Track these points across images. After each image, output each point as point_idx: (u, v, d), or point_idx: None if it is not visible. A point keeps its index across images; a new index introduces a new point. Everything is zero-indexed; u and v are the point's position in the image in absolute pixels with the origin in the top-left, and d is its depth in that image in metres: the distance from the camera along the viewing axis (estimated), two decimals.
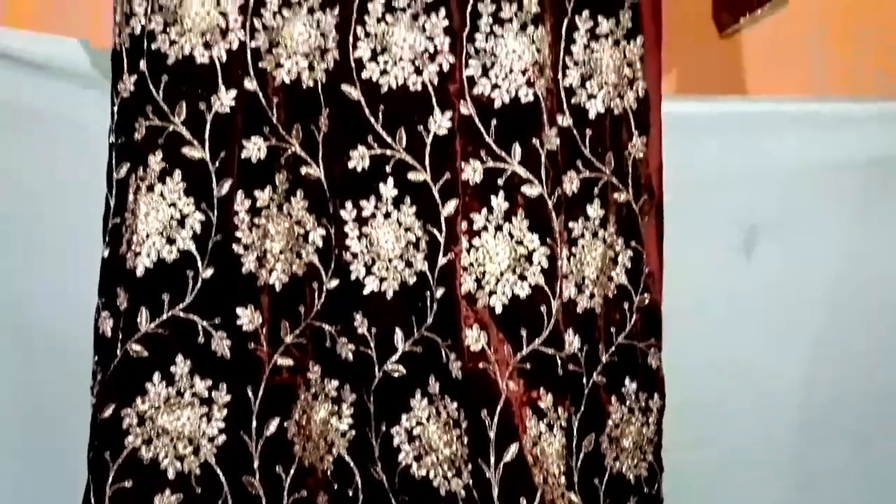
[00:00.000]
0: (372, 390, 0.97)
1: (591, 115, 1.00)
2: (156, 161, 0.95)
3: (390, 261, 0.96)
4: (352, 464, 0.99)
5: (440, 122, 0.95)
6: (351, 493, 0.99)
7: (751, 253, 1.22)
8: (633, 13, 1.01)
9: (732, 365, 1.23)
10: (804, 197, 1.20)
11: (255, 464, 0.96)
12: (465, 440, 0.93)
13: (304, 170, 0.97)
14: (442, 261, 0.95)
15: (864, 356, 1.25)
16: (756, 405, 1.25)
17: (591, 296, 1.01)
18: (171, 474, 0.95)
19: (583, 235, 1.01)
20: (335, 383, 0.99)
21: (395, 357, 0.97)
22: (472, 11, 0.96)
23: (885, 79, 1.31)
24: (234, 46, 0.96)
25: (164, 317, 0.95)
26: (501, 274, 0.95)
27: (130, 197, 0.96)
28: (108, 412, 0.95)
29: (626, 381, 1.03)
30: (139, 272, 0.94)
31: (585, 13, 0.99)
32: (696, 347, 1.14)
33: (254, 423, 0.96)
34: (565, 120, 0.99)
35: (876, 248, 1.22)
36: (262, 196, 0.97)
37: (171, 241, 0.95)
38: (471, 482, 0.93)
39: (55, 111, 1.15)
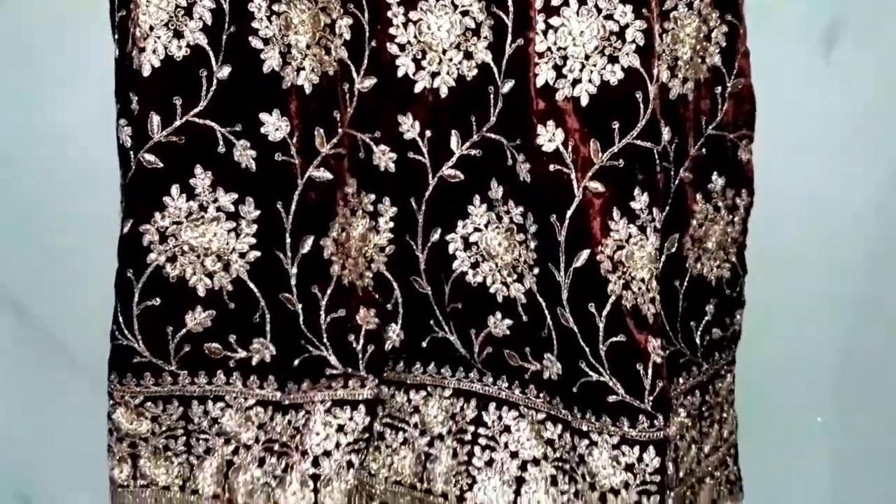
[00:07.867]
0: (424, 199, 0.91)
1: None
2: None
3: (444, 52, 0.88)
4: (391, 279, 0.94)
5: None
6: (390, 308, 0.95)
7: (829, 54, 1.10)
8: None
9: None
10: None
11: (293, 281, 0.90)
12: (533, 244, 0.88)
13: None
14: (510, 49, 0.85)
15: None
16: (822, 240, 1.18)
17: (685, 80, 0.91)
18: (200, 291, 0.91)
19: (676, 7, 0.89)
20: (372, 197, 0.93)
21: (451, 162, 0.90)
22: None
23: None
24: None
25: (178, 123, 0.86)
26: (587, 57, 0.84)
27: None
28: (126, 228, 0.89)
29: (714, 176, 0.96)
30: (146, 72, 0.85)
31: None
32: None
33: (287, 240, 0.89)
34: None
35: None
36: None
37: (178, 34, 0.85)
38: (534, 286, 0.89)
39: None
